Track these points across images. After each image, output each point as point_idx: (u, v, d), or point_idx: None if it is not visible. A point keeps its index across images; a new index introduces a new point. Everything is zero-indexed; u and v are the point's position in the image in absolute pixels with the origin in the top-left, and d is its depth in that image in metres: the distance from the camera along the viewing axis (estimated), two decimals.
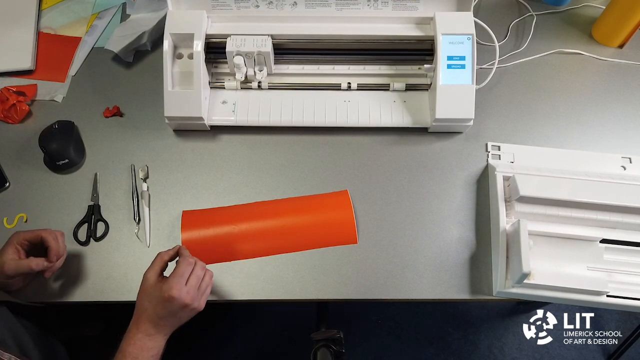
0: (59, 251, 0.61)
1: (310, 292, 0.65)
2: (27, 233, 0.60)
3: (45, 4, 0.91)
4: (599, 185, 0.67)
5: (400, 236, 0.68)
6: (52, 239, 0.60)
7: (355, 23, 0.74)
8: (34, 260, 0.59)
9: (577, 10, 0.90)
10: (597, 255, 0.64)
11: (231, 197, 0.71)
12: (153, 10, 0.85)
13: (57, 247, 0.60)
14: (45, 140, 0.72)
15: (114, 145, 0.76)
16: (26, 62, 0.83)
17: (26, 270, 0.58)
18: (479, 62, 0.78)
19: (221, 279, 0.66)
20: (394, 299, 0.65)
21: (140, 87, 0.80)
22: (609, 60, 0.83)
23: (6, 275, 0.58)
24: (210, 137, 0.76)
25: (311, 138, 0.76)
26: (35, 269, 0.59)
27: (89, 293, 0.65)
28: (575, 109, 0.78)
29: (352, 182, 0.72)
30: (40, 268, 0.59)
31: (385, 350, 1.30)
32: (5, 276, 0.58)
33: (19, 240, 0.59)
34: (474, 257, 0.67)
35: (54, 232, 0.61)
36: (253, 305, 1.33)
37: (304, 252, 0.67)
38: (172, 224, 0.69)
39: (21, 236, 0.60)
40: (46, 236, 0.60)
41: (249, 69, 0.74)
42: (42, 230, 0.61)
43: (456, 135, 0.76)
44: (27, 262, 0.58)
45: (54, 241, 0.60)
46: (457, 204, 0.71)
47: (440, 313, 1.34)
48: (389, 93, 0.76)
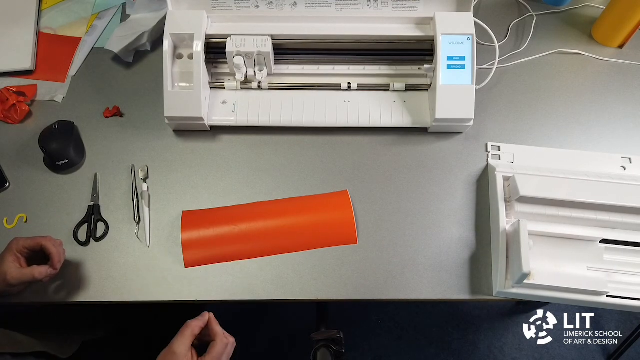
0: (61, 258, 0.61)
1: (310, 292, 0.65)
2: (26, 240, 0.60)
3: (45, 4, 0.91)
4: (599, 185, 0.67)
5: (400, 236, 0.68)
6: (52, 247, 0.60)
7: (355, 23, 0.74)
8: (36, 268, 0.58)
9: (577, 11, 0.90)
10: (597, 255, 0.64)
11: (231, 197, 0.71)
12: (153, 11, 0.85)
13: (58, 254, 0.60)
14: (45, 141, 0.72)
15: (114, 145, 0.76)
16: (26, 63, 0.83)
17: (29, 279, 0.58)
18: (479, 62, 0.78)
19: (221, 279, 0.66)
20: (394, 299, 0.65)
21: (140, 87, 0.80)
22: (609, 61, 0.83)
23: (9, 284, 0.58)
24: (210, 137, 0.76)
25: (311, 138, 0.76)
26: (39, 278, 0.58)
27: (88, 293, 0.65)
28: (575, 109, 0.78)
29: (352, 182, 0.72)
30: (43, 277, 0.58)
31: (385, 350, 1.30)
32: (8, 285, 0.58)
33: (18, 248, 0.59)
34: (474, 257, 0.67)
35: (54, 240, 0.61)
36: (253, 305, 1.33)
37: (304, 252, 0.67)
38: (172, 224, 0.69)
39: (20, 243, 0.59)
40: (46, 244, 0.60)
41: (249, 69, 0.74)
42: (41, 238, 0.61)
43: (456, 135, 0.76)
44: (30, 270, 0.58)
45: (54, 248, 0.60)
46: (457, 204, 0.71)
47: (440, 313, 1.34)
48: (389, 93, 0.76)
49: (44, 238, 0.61)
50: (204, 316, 0.57)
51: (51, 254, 0.59)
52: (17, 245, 0.59)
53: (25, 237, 0.61)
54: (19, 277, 0.57)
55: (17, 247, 0.59)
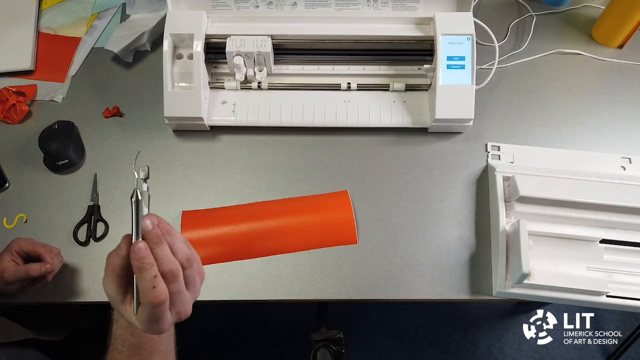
0: (53, 269, 0.62)
1: (310, 292, 0.65)
2: (27, 244, 0.61)
3: (45, 4, 0.91)
4: (599, 185, 0.67)
5: (400, 236, 0.68)
6: (49, 259, 0.61)
7: (355, 23, 0.74)
8: (31, 266, 0.60)
9: (577, 11, 0.90)
10: (596, 255, 0.64)
11: (231, 197, 0.71)
12: (153, 11, 0.85)
13: (52, 266, 0.61)
14: (45, 141, 0.72)
15: (113, 145, 0.76)
16: (26, 63, 0.83)
17: (23, 276, 0.59)
18: (479, 62, 0.78)
19: (221, 279, 0.66)
20: (394, 299, 0.65)
21: (140, 87, 0.80)
22: (609, 61, 0.83)
23: (6, 282, 0.59)
24: (210, 138, 0.76)
25: (311, 138, 0.76)
26: (33, 275, 0.60)
27: (88, 293, 0.65)
28: (575, 109, 0.78)
29: (352, 182, 0.72)
30: (37, 274, 0.60)
31: (385, 350, 1.30)
32: (5, 282, 0.59)
33: (17, 249, 0.61)
34: (473, 257, 0.67)
35: (52, 249, 0.63)
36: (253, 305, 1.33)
37: (304, 252, 0.67)
38: (171, 224, 0.68)
39: (20, 245, 0.61)
40: (44, 254, 0.61)
41: (249, 69, 0.74)
42: (40, 246, 0.62)
43: (456, 135, 0.76)
44: (25, 267, 0.60)
45: (49, 259, 0.61)
46: (457, 204, 0.71)
47: (440, 313, 1.34)
48: (389, 93, 0.76)
49: (44, 247, 0.62)
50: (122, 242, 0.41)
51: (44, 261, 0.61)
52: (17, 246, 0.61)
53: (27, 240, 0.62)
54: (15, 274, 0.59)
55: (17, 248, 0.61)
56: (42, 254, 0.61)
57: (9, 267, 0.59)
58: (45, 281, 0.62)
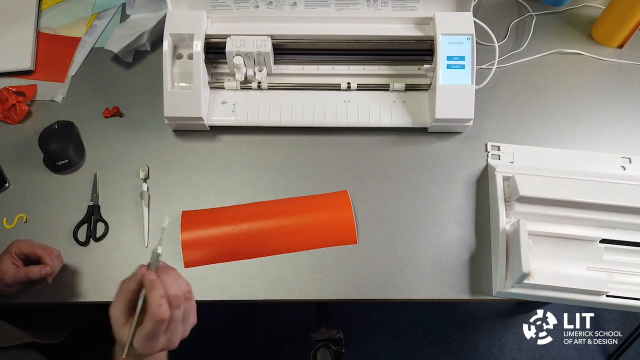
0: (53, 271, 0.62)
1: (310, 292, 0.65)
2: (27, 246, 0.61)
3: (45, 4, 0.91)
4: (599, 185, 0.67)
5: (400, 236, 0.68)
6: (49, 261, 0.61)
7: (355, 23, 0.74)
8: (31, 268, 0.60)
9: (576, 10, 0.90)
10: (596, 255, 0.64)
11: (231, 197, 0.71)
12: (153, 11, 0.85)
13: (52, 268, 0.61)
14: (45, 141, 0.72)
15: (113, 145, 0.76)
16: (26, 63, 0.83)
17: (23, 278, 0.59)
18: (479, 62, 0.78)
19: (221, 279, 0.66)
20: (394, 299, 0.65)
21: (140, 87, 0.80)
22: (609, 61, 0.83)
23: (6, 284, 0.59)
24: (210, 138, 0.76)
25: (311, 138, 0.76)
26: (33, 277, 0.60)
27: (88, 293, 0.65)
28: (575, 109, 0.78)
29: (352, 182, 0.72)
30: (37, 276, 0.60)
31: (385, 350, 1.30)
32: (5, 285, 0.60)
33: (17, 251, 0.61)
34: (473, 257, 0.67)
35: (52, 251, 0.63)
36: (253, 305, 1.33)
37: (304, 252, 0.67)
38: (171, 224, 0.69)
39: (20, 247, 0.61)
40: (44, 257, 0.61)
41: (249, 69, 0.74)
42: (41, 248, 0.62)
43: (456, 135, 0.76)
44: (25, 270, 0.60)
45: (50, 261, 0.61)
46: (457, 204, 0.71)
47: (440, 313, 1.34)
48: (389, 93, 0.76)
49: (43, 249, 0.62)
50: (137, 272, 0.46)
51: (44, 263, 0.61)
52: (17, 248, 0.61)
53: (26, 242, 0.62)
54: (15, 276, 0.59)
55: (16, 250, 0.61)
56: (42, 256, 0.61)
57: (9, 269, 0.59)
58: (45, 283, 0.62)
